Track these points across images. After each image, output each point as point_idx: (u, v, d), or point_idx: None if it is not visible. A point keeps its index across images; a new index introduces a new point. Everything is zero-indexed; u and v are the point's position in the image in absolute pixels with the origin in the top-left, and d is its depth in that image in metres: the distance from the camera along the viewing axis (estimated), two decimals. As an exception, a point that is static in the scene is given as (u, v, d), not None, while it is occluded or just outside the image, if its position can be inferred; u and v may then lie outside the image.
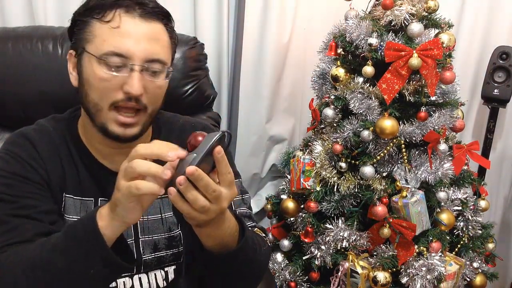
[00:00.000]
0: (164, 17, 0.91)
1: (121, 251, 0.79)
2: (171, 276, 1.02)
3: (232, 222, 0.84)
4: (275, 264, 1.62)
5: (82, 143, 0.97)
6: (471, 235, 1.62)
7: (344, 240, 1.47)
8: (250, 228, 0.98)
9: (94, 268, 0.75)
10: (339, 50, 1.52)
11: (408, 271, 1.46)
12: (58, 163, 0.94)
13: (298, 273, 1.59)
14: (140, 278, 1.00)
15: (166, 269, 1.02)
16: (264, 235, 1.05)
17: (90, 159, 0.97)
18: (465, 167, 1.63)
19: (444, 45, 1.43)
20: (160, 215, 1.00)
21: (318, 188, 1.51)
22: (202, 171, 0.70)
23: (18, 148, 0.93)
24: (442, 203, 1.53)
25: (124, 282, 0.98)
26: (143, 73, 0.86)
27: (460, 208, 1.58)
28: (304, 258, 1.58)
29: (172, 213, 1.01)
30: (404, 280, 1.46)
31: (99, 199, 0.96)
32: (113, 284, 0.97)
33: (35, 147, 0.94)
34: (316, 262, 1.53)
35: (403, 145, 1.45)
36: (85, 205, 0.95)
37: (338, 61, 1.51)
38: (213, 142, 0.71)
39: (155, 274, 1.01)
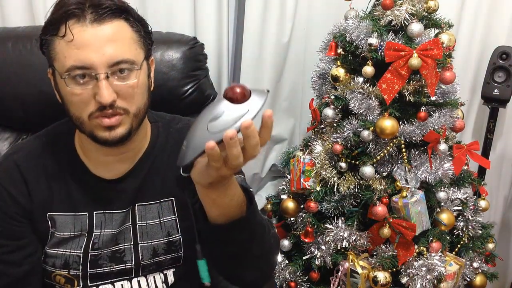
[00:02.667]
0: (122, 12, 0.85)
1: None
2: (170, 279, 1.02)
3: (239, 191, 0.79)
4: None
5: (77, 157, 0.97)
6: (471, 235, 1.62)
7: (344, 240, 1.47)
8: None
9: None
10: (339, 50, 1.52)
11: (408, 271, 1.46)
12: (44, 182, 0.95)
13: (298, 273, 1.59)
14: (139, 281, 0.99)
15: (165, 272, 1.01)
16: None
17: (84, 173, 0.96)
18: (465, 167, 1.63)
19: (444, 45, 1.43)
20: (158, 220, 0.99)
21: (318, 188, 1.51)
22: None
23: (1, 173, 0.94)
24: (442, 203, 1.53)
25: (122, 285, 0.98)
26: (110, 79, 0.83)
27: (460, 208, 1.58)
28: (304, 258, 1.58)
29: (171, 216, 1.00)
30: (404, 280, 1.46)
31: (94, 212, 0.96)
32: (111, 287, 0.97)
33: (19, 169, 0.94)
34: (316, 262, 1.53)
35: (403, 145, 1.45)
36: (79, 220, 0.96)
37: (338, 61, 1.51)
38: (265, 100, 0.66)
39: (154, 277, 1.00)
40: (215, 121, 0.64)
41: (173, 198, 0.99)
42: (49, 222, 0.95)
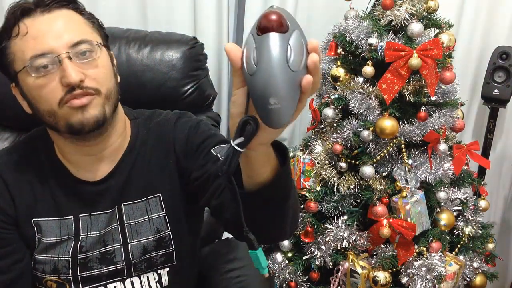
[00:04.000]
0: (68, 2, 0.88)
1: None
2: (164, 279, 1.01)
3: None
4: (275, 264, 1.62)
5: (58, 160, 0.96)
6: (471, 235, 1.62)
7: (344, 240, 1.47)
8: None
9: None
10: (339, 50, 1.52)
11: (408, 271, 1.46)
12: (27, 189, 0.94)
13: (298, 273, 1.59)
14: (132, 282, 0.99)
15: (159, 271, 1.01)
16: None
17: (67, 177, 0.96)
18: (465, 167, 1.63)
19: (444, 45, 1.43)
20: (147, 217, 0.98)
21: (318, 188, 1.51)
22: None
23: None
24: (442, 203, 1.53)
25: (115, 286, 0.98)
26: (73, 60, 0.83)
27: (460, 208, 1.58)
28: (304, 258, 1.58)
29: (159, 213, 0.99)
30: (404, 280, 1.46)
31: (80, 215, 0.96)
32: None
33: (0, 176, 0.94)
34: (316, 262, 1.53)
35: (403, 145, 1.45)
36: (65, 224, 0.95)
37: (338, 61, 1.51)
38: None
39: (147, 276, 1.00)
40: (291, 58, 0.57)
41: (160, 194, 0.99)
42: (35, 228, 0.94)
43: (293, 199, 0.80)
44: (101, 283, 0.97)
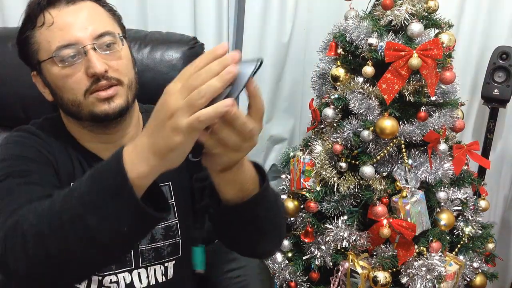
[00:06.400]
0: None
1: (152, 196, 0.72)
2: (170, 271, 1.02)
3: (250, 165, 0.78)
4: (275, 264, 1.63)
5: (78, 143, 0.96)
6: (471, 235, 1.62)
7: (344, 240, 1.47)
8: None
9: (127, 225, 0.66)
10: (339, 50, 1.52)
11: (408, 271, 1.46)
12: (67, 158, 0.94)
13: (298, 273, 1.59)
14: (139, 273, 0.99)
15: (166, 264, 1.01)
16: None
17: (92, 157, 0.96)
18: (465, 167, 1.63)
19: (444, 45, 1.43)
20: None
21: (318, 188, 1.51)
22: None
23: (28, 139, 0.93)
24: (442, 203, 1.53)
25: (124, 277, 0.98)
26: (98, 51, 0.86)
27: (460, 208, 1.58)
28: (304, 258, 1.58)
29: (168, 201, 0.99)
30: (404, 280, 1.46)
31: None
32: (114, 279, 0.97)
33: (43, 140, 0.94)
34: (316, 262, 1.53)
35: (403, 145, 1.45)
36: None
37: (338, 61, 1.51)
38: (251, 75, 0.65)
39: (154, 269, 1.00)
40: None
41: (170, 183, 1.00)
42: None
43: (271, 223, 0.85)
44: (111, 272, 0.97)
